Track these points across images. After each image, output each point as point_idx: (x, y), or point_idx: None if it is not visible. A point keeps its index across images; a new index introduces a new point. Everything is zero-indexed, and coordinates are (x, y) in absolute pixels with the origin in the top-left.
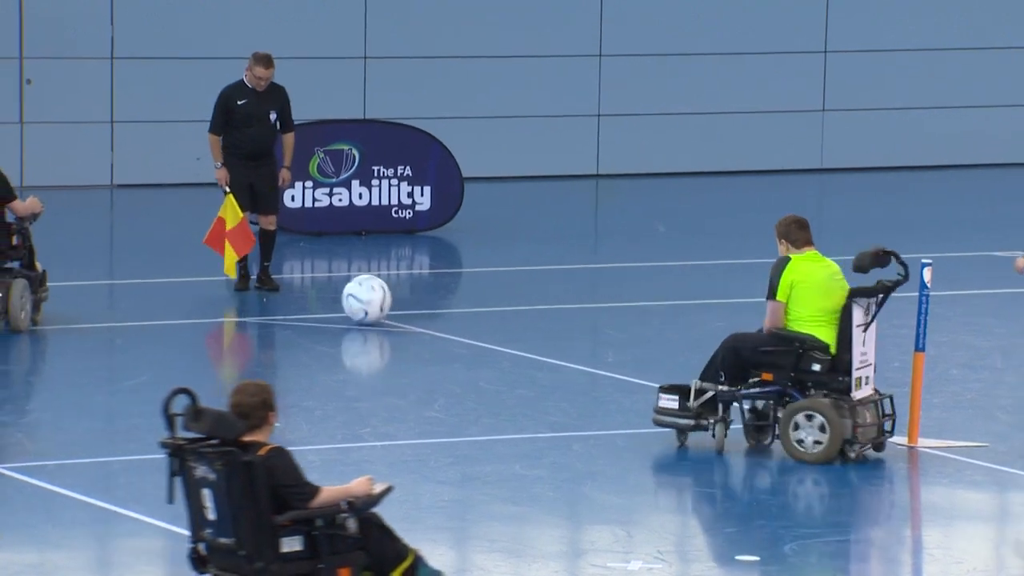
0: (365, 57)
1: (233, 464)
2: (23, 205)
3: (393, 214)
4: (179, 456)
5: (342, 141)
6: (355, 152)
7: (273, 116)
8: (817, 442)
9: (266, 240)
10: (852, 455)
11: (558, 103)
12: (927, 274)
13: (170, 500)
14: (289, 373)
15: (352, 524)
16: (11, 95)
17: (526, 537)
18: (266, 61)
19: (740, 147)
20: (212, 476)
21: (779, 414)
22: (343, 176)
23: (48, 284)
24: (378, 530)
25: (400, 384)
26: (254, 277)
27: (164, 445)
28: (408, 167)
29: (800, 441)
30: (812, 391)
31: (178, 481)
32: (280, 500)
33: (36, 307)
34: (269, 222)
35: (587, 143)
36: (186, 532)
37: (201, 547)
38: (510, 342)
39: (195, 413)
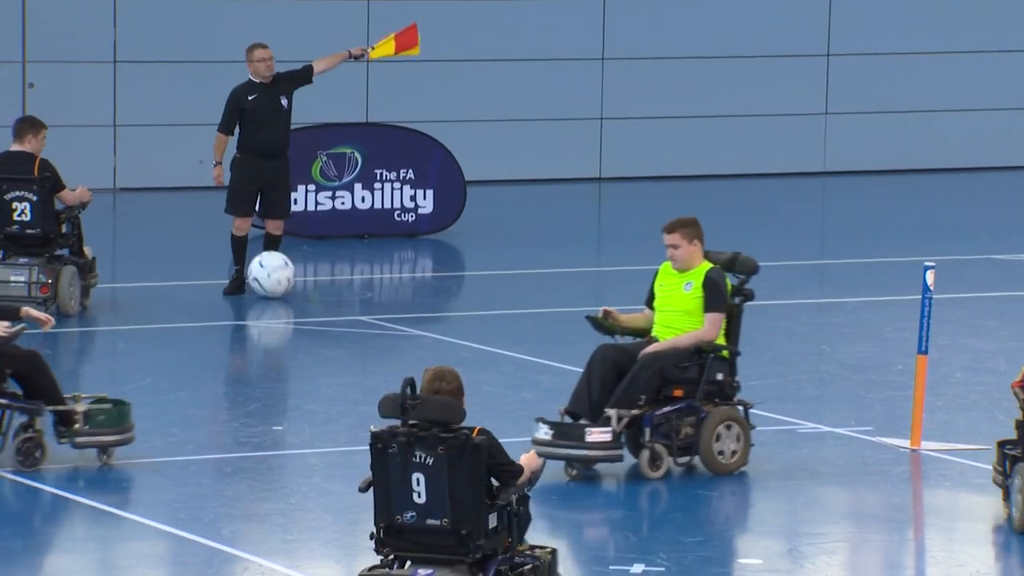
0: (367, 61)
1: (463, 447)
2: (72, 195)
3: (396, 217)
4: (407, 444)
5: (344, 144)
6: (357, 155)
7: (285, 102)
8: (733, 452)
9: (270, 245)
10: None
11: (560, 106)
12: (930, 277)
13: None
14: (291, 376)
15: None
16: (13, 99)
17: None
18: (260, 44)
19: (742, 150)
20: (430, 460)
21: (688, 429)
22: (346, 179)
23: (97, 270)
24: (525, 505)
25: None
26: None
27: (392, 434)
28: (411, 170)
29: (720, 452)
30: (715, 401)
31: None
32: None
33: (85, 292)
34: (276, 227)
35: (589, 146)
36: (187, 536)
37: (383, 530)
38: (513, 345)
39: (416, 401)
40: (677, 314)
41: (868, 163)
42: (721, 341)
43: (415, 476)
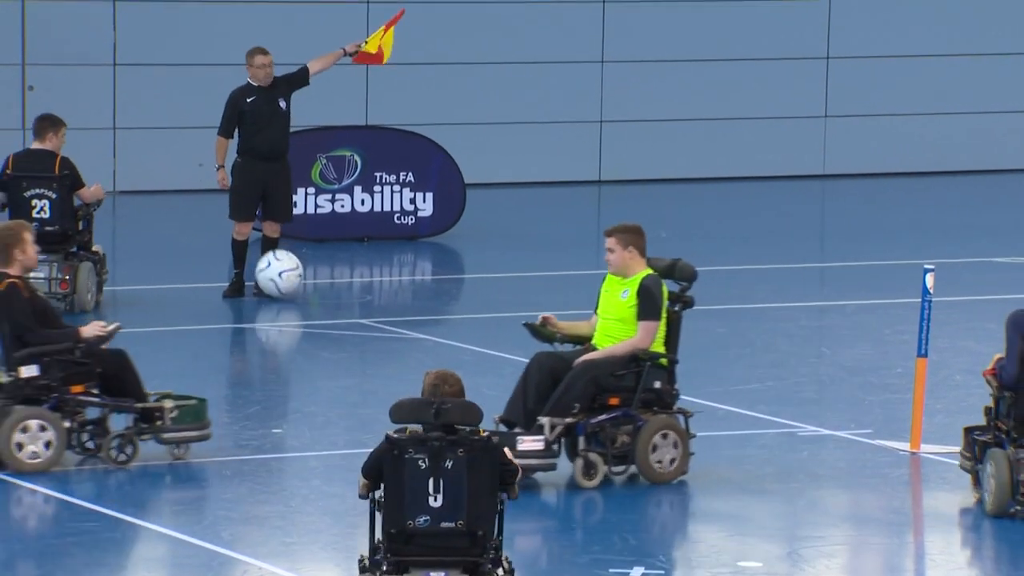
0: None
1: (484, 449)
2: (89, 192)
3: (395, 220)
4: (439, 448)
5: (344, 147)
6: (357, 158)
7: (283, 104)
8: (672, 460)
9: (267, 247)
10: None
11: (560, 109)
12: (929, 279)
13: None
14: (291, 379)
15: None
16: (13, 101)
17: (529, 544)
18: (261, 50)
19: (742, 153)
20: (449, 463)
21: (625, 437)
22: (345, 182)
23: (107, 266)
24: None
25: (402, 390)
26: (250, 284)
27: (419, 439)
28: (410, 173)
29: (658, 461)
30: (653, 410)
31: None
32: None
33: (99, 288)
34: (273, 230)
35: (589, 149)
36: (187, 539)
37: (392, 536)
38: (513, 348)
39: (441, 405)
40: (614, 322)
41: (867, 166)
42: (659, 349)
43: (434, 480)
